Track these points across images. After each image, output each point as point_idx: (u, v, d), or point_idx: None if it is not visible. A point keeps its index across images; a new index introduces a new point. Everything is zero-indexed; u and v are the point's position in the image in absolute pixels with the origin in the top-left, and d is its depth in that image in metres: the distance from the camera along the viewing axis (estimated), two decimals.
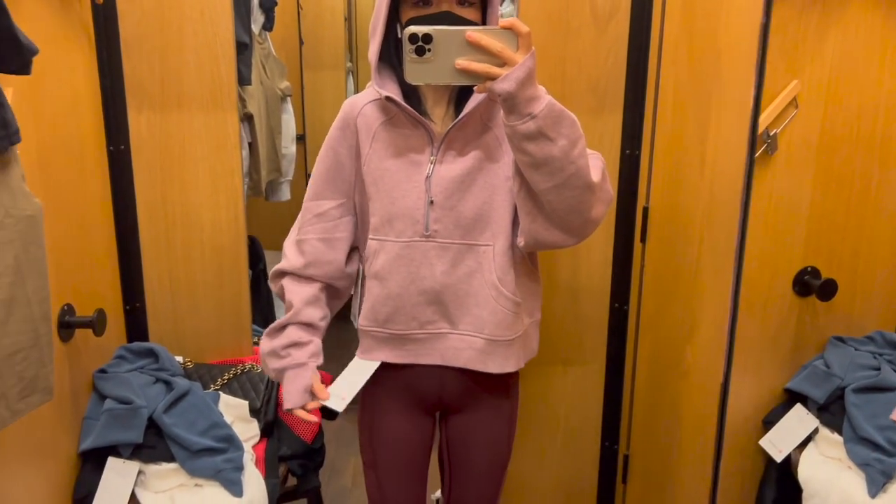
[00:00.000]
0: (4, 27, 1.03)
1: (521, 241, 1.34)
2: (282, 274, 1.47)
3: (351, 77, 3.64)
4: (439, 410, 1.51)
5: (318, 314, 1.46)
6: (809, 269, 1.83)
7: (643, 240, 1.69)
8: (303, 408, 1.41)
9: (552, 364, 1.96)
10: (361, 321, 1.44)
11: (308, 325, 1.44)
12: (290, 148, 2.78)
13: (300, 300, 1.43)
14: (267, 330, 1.46)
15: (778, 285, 1.83)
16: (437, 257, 1.36)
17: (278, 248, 3.18)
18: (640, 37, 1.72)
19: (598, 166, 1.26)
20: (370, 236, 1.41)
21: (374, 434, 1.51)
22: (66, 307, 1.53)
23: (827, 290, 1.79)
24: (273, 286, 1.50)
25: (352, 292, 1.53)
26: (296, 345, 1.42)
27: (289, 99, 2.76)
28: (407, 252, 1.36)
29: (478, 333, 1.38)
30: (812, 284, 1.81)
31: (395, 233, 1.37)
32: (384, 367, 1.44)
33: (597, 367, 1.96)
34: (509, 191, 1.34)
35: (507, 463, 1.54)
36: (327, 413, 2.00)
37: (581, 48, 1.75)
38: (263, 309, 2.74)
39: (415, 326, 1.40)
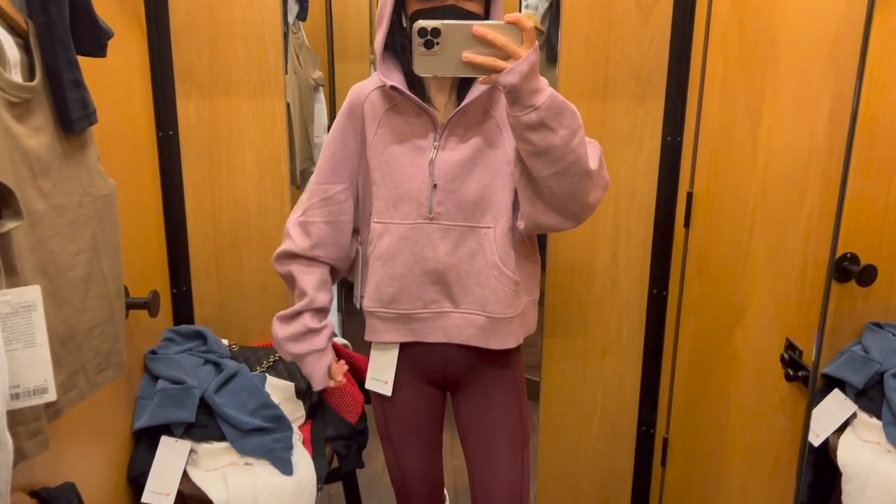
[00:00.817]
0: (83, 8, 1.05)
1: (521, 225, 1.40)
2: (290, 256, 1.52)
3: (373, 69, 3.67)
4: (445, 385, 1.56)
5: (328, 297, 1.54)
6: (849, 255, 1.84)
7: (687, 224, 1.70)
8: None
9: (590, 350, 1.98)
10: (367, 302, 1.49)
11: (320, 310, 1.52)
12: (321, 137, 2.81)
13: (311, 287, 1.50)
14: (279, 315, 1.52)
15: (817, 271, 1.84)
16: (440, 239, 1.41)
17: None
18: (683, 23, 1.73)
19: (596, 154, 1.33)
20: (374, 220, 1.46)
21: (386, 408, 1.56)
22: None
23: (867, 275, 1.81)
24: (279, 267, 1.55)
25: (345, 274, 1.60)
26: (313, 331, 1.51)
27: (321, 89, 2.79)
28: (411, 234, 1.42)
29: (480, 312, 1.43)
30: (852, 270, 1.82)
31: (400, 215, 1.42)
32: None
33: (634, 353, 1.99)
34: (509, 175, 1.40)
35: (527, 442, 1.56)
36: (368, 397, 2.04)
37: (624, 35, 1.77)
38: None
39: (419, 306, 1.45)
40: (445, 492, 2.47)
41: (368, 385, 1.54)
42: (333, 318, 3.16)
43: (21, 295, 0.80)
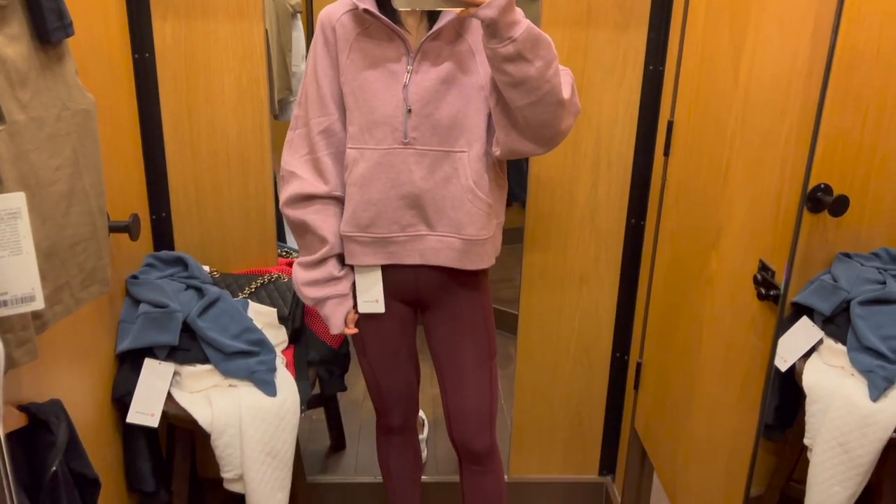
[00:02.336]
0: None
1: (497, 151, 1.43)
2: (306, 199, 1.51)
3: None
4: (417, 303, 1.61)
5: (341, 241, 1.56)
6: (822, 185, 1.87)
7: (666, 153, 1.72)
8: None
9: (568, 279, 2.01)
10: (344, 227, 1.51)
11: (340, 255, 1.55)
12: (300, 66, 2.76)
13: (332, 233, 1.52)
14: (301, 262, 1.55)
15: (790, 201, 1.88)
16: (415, 164, 1.44)
17: None
18: None
19: (569, 83, 1.36)
20: (349, 145, 1.47)
21: (361, 326, 1.60)
22: None
23: (839, 205, 1.85)
24: (292, 212, 1.53)
25: None
26: (336, 279, 1.55)
27: (298, 15, 2.73)
28: (387, 159, 1.44)
29: (455, 234, 1.48)
30: (824, 200, 1.86)
31: (375, 141, 1.44)
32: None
33: (611, 282, 2.02)
34: (483, 100, 1.42)
35: (494, 355, 1.64)
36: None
37: None
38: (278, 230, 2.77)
39: (396, 230, 1.49)
40: (423, 415, 2.54)
41: (361, 309, 1.57)
42: None
43: (5, 202, 0.80)
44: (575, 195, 1.93)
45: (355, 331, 1.59)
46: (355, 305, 1.57)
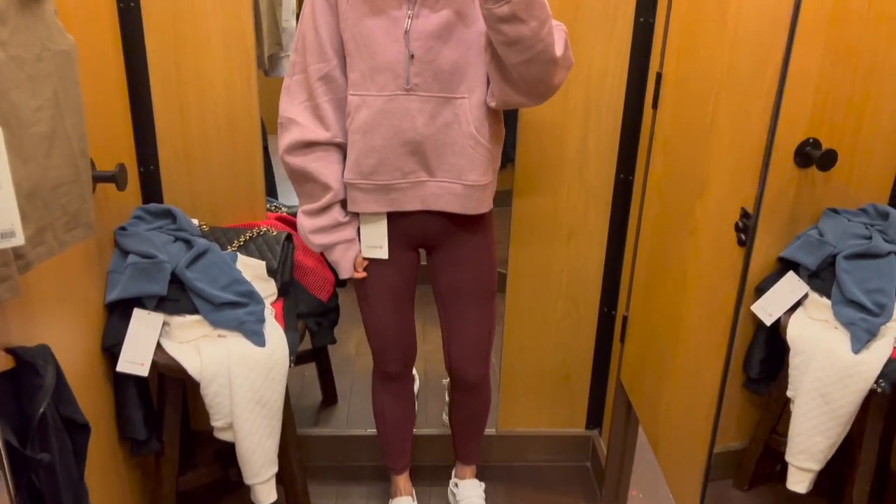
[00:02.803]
0: None
1: (491, 102, 1.48)
2: (307, 146, 1.53)
3: None
4: (423, 246, 1.69)
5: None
6: (811, 140, 1.87)
7: (655, 106, 1.71)
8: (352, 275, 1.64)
9: (557, 234, 2.02)
10: (347, 175, 1.54)
11: (344, 201, 1.59)
12: (290, 21, 2.73)
13: (335, 179, 1.55)
14: (305, 209, 1.58)
15: (780, 156, 1.88)
16: (417, 110, 1.46)
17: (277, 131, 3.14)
18: None
19: (562, 38, 1.39)
20: (350, 92, 1.49)
21: (367, 271, 1.65)
22: None
23: (827, 160, 1.85)
24: (293, 159, 1.54)
25: None
26: (341, 224, 1.59)
27: None
28: (389, 106, 1.46)
29: (456, 180, 1.53)
30: (813, 155, 1.86)
31: (377, 87, 1.46)
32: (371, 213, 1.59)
33: (599, 237, 2.03)
34: (483, 46, 1.44)
35: (495, 292, 1.73)
36: (341, 281, 2.09)
37: None
38: (266, 182, 2.76)
39: (398, 177, 1.52)
40: (415, 372, 2.57)
41: (365, 254, 1.63)
42: None
43: None
44: (564, 149, 1.93)
45: (364, 275, 1.64)
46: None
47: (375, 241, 1.60)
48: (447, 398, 2.30)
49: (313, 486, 2.13)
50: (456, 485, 2.05)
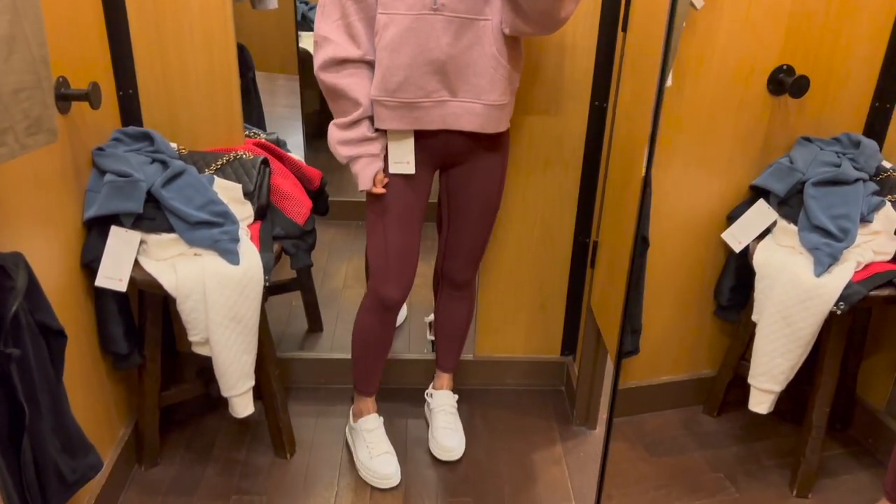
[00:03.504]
0: None
1: (505, 29, 1.56)
2: (340, 63, 1.60)
3: None
4: (442, 166, 1.77)
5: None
6: (785, 67, 1.88)
7: (624, 28, 1.72)
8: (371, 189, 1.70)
9: (533, 163, 2.04)
10: (373, 91, 1.60)
11: (372, 119, 1.65)
12: None
13: (364, 95, 1.62)
14: (336, 122, 1.66)
15: (754, 84, 1.89)
16: (443, 30, 1.52)
17: (265, 67, 3.17)
18: None
19: None
20: (379, 10, 1.54)
21: (387, 187, 1.70)
22: (61, 79, 1.58)
23: (799, 86, 1.85)
24: (327, 77, 1.61)
25: None
26: (369, 139, 1.66)
27: None
28: (416, 25, 1.51)
29: (476, 100, 1.60)
30: (786, 82, 1.87)
31: (405, 6, 1.51)
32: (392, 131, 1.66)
33: (574, 166, 2.05)
34: None
35: (498, 208, 1.85)
36: (322, 210, 2.13)
37: None
38: (255, 115, 2.79)
39: (421, 95, 1.58)
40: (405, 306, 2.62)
41: (392, 170, 1.69)
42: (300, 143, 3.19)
43: None
44: (540, 76, 1.93)
45: (383, 191, 1.69)
46: (386, 168, 1.69)
47: (403, 157, 1.67)
48: (429, 336, 2.37)
49: (295, 406, 2.21)
50: (430, 395, 2.16)
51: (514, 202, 2.09)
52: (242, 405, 1.82)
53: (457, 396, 2.15)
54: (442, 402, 2.11)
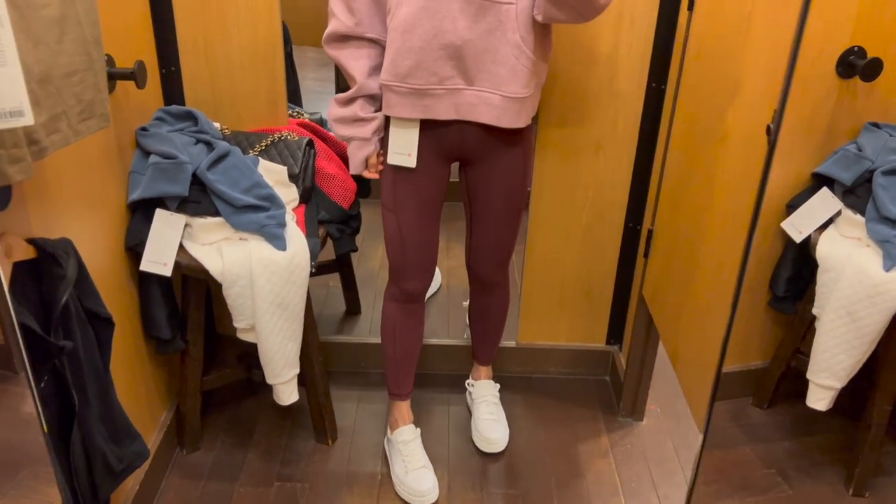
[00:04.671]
0: None
1: (538, 16, 1.42)
2: (338, 38, 1.54)
3: None
4: (458, 159, 1.65)
5: (378, 83, 1.55)
6: (856, 48, 1.78)
7: (690, 7, 1.63)
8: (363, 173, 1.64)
9: (584, 145, 1.97)
10: (383, 75, 1.51)
11: (371, 97, 1.58)
12: None
13: (360, 73, 1.54)
14: (337, 97, 1.58)
15: (821, 66, 1.79)
16: (460, 11, 1.40)
17: (302, 41, 3.10)
18: None
19: None
20: None
21: (396, 178, 1.63)
22: (106, 57, 1.53)
23: (871, 70, 1.76)
24: (329, 51, 1.57)
25: None
26: (361, 120, 1.57)
27: None
28: (432, 5, 1.40)
29: (494, 90, 1.47)
30: (857, 64, 1.77)
31: None
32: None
33: (628, 149, 1.98)
34: None
35: (522, 208, 1.73)
36: (363, 191, 2.07)
37: None
38: (291, 92, 2.72)
39: (434, 82, 1.47)
40: (438, 271, 2.57)
41: (391, 160, 1.60)
42: None
43: None
44: (594, 56, 1.85)
45: (376, 176, 1.64)
46: (384, 154, 1.61)
47: (404, 148, 1.56)
48: (467, 321, 2.32)
49: (335, 391, 2.18)
50: (472, 384, 2.10)
51: (562, 186, 2.02)
52: (287, 393, 1.78)
53: (498, 386, 2.11)
54: (483, 392, 2.06)
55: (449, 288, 2.67)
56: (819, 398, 1.84)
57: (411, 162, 1.58)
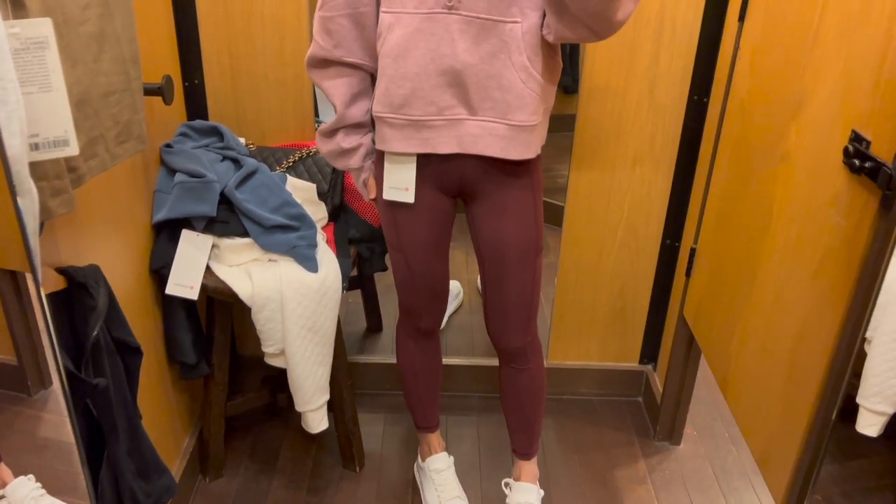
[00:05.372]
0: None
1: (548, 36, 1.26)
2: (318, 62, 1.41)
3: None
4: (460, 195, 1.48)
5: (361, 110, 1.44)
6: None
7: (741, 18, 1.56)
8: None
9: (621, 159, 1.90)
10: (375, 106, 1.36)
11: (355, 126, 1.44)
12: None
13: (341, 101, 1.41)
14: (320, 130, 1.46)
15: None
16: (459, 32, 1.25)
17: None
18: None
19: None
20: (383, 9, 1.29)
21: (397, 217, 1.48)
22: None
23: None
24: (310, 74, 1.45)
25: None
26: (345, 152, 1.45)
27: None
28: (427, 26, 1.25)
29: (500, 119, 1.31)
30: None
31: (414, 3, 1.25)
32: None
33: (667, 164, 1.91)
34: None
35: (540, 251, 1.50)
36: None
37: None
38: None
39: (432, 112, 1.31)
40: (459, 284, 2.47)
41: (387, 195, 1.44)
42: None
43: (32, 28, 0.70)
44: (634, 67, 1.79)
45: (372, 198, 1.52)
46: (382, 188, 1.45)
47: (400, 183, 1.41)
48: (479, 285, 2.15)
49: (360, 413, 2.10)
50: (509, 487, 1.78)
51: (597, 200, 1.95)
52: (317, 420, 1.71)
53: (542, 493, 1.77)
54: (519, 501, 1.73)
55: (471, 303, 2.60)
56: (870, 423, 1.77)
57: (409, 197, 1.42)
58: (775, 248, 1.41)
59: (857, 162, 1.10)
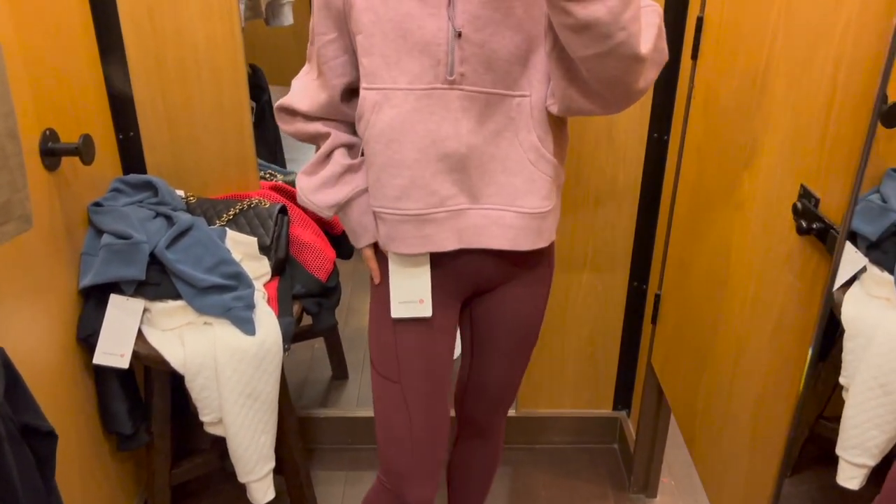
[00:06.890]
0: None
1: (552, 107, 1.09)
2: (290, 112, 1.23)
3: None
4: (471, 296, 1.29)
5: (354, 137, 1.24)
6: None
7: (694, 56, 1.48)
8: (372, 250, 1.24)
9: (581, 199, 1.82)
10: (372, 201, 1.17)
11: (351, 146, 1.24)
12: None
13: (330, 126, 1.22)
14: (304, 169, 1.23)
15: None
16: (462, 110, 1.08)
17: (282, 81, 2.94)
18: None
19: (654, 24, 1.00)
20: (364, 85, 1.10)
21: (401, 338, 1.23)
22: (47, 132, 1.38)
23: (893, 115, 1.61)
24: (282, 125, 1.26)
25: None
26: (351, 168, 1.20)
27: None
28: (425, 104, 1.07)
29: (507, 207, 1.13)
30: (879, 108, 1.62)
31: (407, 78, 1.07)
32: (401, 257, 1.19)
33: (630, 204, 1.82)
34: (545, 30, 1.05)
35: (535, 343, 1.37)
36: (345, 253, 1.90)
37: None
38: (270, 143, 2.57)
39: (434, 203, 1.12)
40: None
41: (397, 313, 1.20)
42: None
43: None
44: None
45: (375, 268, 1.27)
46: (386, 305, 1.21)
47: (413, 295, 1.18)
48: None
49: (320, 471, 2.00)
50: None
51: (559, 242, 1.86)
52: (262, 491, 1.61)
53: None
54: None
55: None
56: (850, 476, 1.67)
57: (426, 310, 1.19)
58: (735, 300, 1.32)
59: (803, 223, 1.02)
